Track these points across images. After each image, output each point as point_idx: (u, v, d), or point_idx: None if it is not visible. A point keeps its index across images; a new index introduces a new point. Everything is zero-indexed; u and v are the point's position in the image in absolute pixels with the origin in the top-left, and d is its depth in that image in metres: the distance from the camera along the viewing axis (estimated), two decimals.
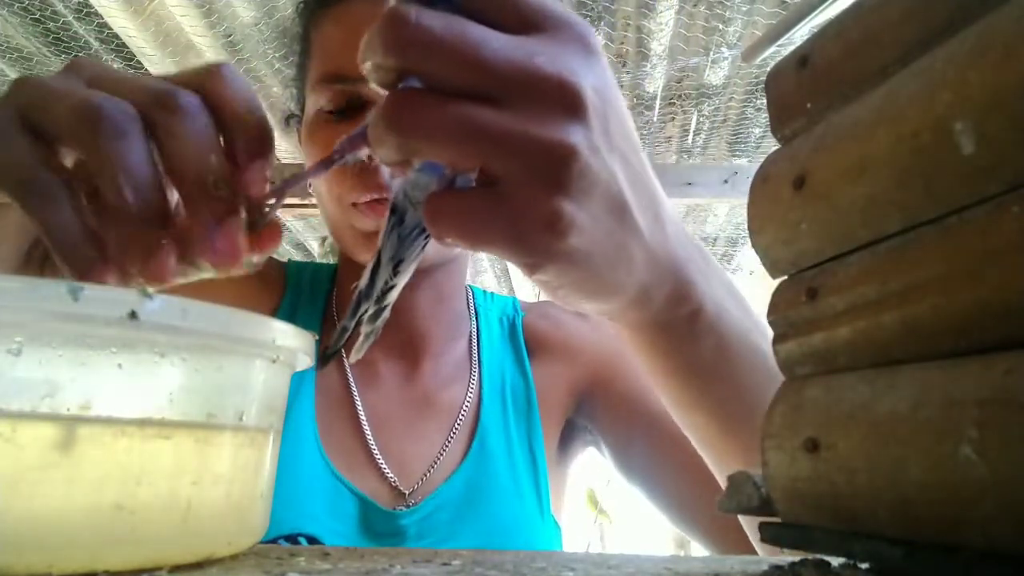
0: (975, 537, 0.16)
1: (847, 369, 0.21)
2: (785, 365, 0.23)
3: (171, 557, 0.23)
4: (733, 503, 0.24)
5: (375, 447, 0.67)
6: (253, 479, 0.27)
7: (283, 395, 0.30)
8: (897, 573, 0.19)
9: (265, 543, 0.31)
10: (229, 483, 0.25)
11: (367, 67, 0.28)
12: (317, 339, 0.31)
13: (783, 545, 0.22)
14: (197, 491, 0.24)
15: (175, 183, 0.31)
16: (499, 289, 3.39)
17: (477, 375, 0.74)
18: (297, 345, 0.28)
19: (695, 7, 1.76)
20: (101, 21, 1.80)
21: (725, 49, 1.91)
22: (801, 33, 1.45)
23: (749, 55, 1.67)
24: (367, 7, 0.63)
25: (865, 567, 0.22)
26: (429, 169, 0.30)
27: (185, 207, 0.31)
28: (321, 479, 0.64)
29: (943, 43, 0.18)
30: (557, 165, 0.28)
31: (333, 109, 0.64)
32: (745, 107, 2.19)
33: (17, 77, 0.33)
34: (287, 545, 0.31)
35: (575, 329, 0.77)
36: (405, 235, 0.33)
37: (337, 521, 0.62)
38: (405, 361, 0.73)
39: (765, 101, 0.26)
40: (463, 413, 0.70)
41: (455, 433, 0.69)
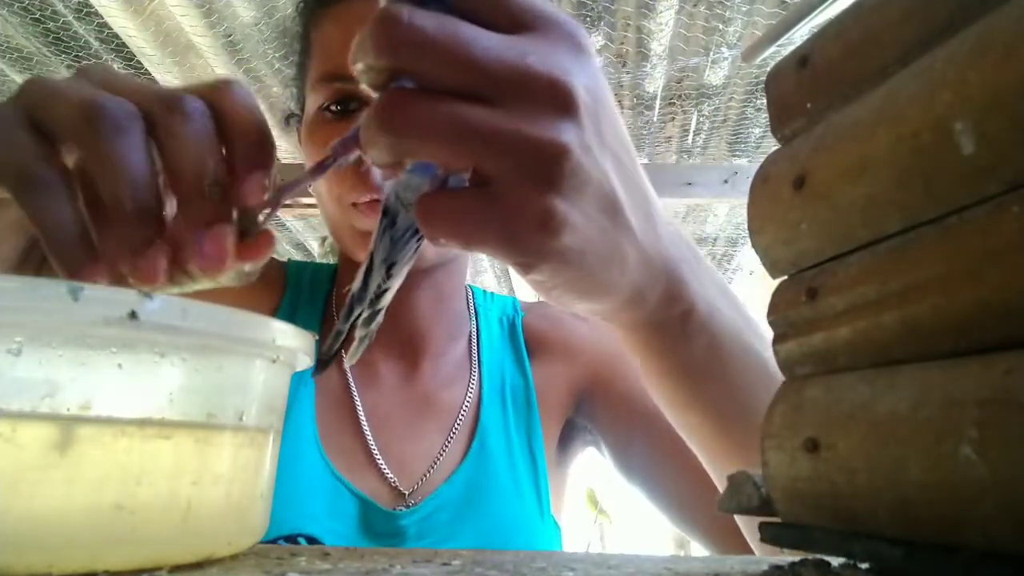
0: (975, 537, 0.16)
1: (847, 369, 0.21)
2: (785, 365, 0.23)
3: (171, 557, 0.23)
4: (733, 503, 0.24)
5: (375, 447, 0.67)
6: (253, 479, 0.27)
7: (283, 395, 0.30)
8: (897, 573, 0.19)
9: (265, 543, 0.31)
10: (229, 483, 0.25)
11: (359, 68, 0.28)
12: (317, 339, 0.31)
13: (783, 545, 0.22)
14: (197, 491, 0.24)
15: (172, 184, 0.31)
16: (499, 289, 3.39)
17: (477, 375, 0.74)
18: (297, 345, 0.28)
19: (695, 7, 1.76)
20: (101, 21, 1.80)
21: (725, 49, 1.91)
22: (801, 33, 1.45)
23: (749, 55, 1.67)
24: (367, 6, 0.63)
25: (865, 567, 0.22)
26: (421, 170, 0.30)
27: (178, 209, 0.31)
28: (321, 479, 0.64)
29: (943, 43, 0.18)
30: (549, 164, 0.28)
31: (333, 108, 0.64)
32: (745, 107, 2.19)
33: (28, 78, 0.33)
34: (287, 545, 0.31)
35: (575, 329, 0.77)
36: (397, 237, 0.33)
37: (337, 521, 0.62)
38: (405, 361, 0.73)
39: (765, 101, 0.26)
40: (463, 413, 0.70)
41: (455, 433, 0.69)
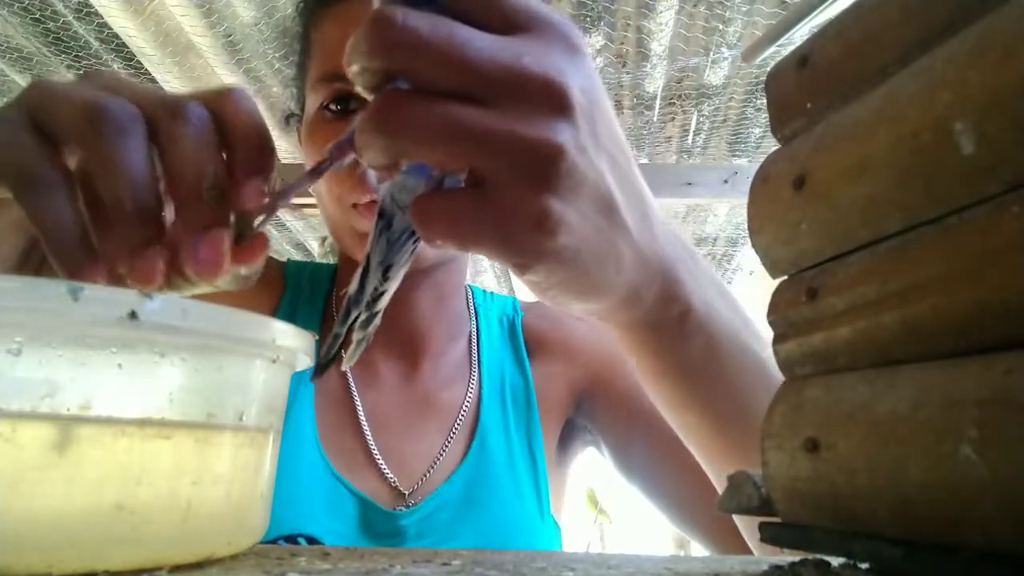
0: (975, 537, 0.16)
1: (847, 369, 0.21)
2: (785, 365, 0.23)
3: (171, 557, 0.23)
4: (733, 503, 0.24)
5: (375, 447, 0.67)
6: (253, 479, 0.27)
7: (283, 395, 0.30)
8: (897, 573, 0.19)
9: (264, 543, 0.31)
10: (229, 483, 0.25)
11: (353, 70, 0.28)
12: (317, 339, 0.31)
13: (783, 545, 0.22)
14: (197, 491, 0.24)
15: (170, 189, 0.31)
16: (499, 289, 3.39)
17: (477, 375, 0.74)
18: (297, 345, 0.28)
19: (695, 7, 1.76)
20: (101, 21, 1.80)
21: (725, 49, 1.91)
22: (801, 33, 1.45)
23: (749, 55, 1.67)
24: (367, 7, 0.63)
25: (865, 567, 0.22)
26: (416, 172, 0.30)
27: (176, 213, 0.32)
28: (320, 479, 0.64)
29: (943, 43, 0.18)
30: (544, 164, 0.28)
31: (333, 107, 0.64)
32: (745, 107, 2.19)
33: (32, 81, 0.33)
34: (287, 545, 0.31)
35: (575, 329, 0.77)
36: (394, 240, 0.33)
37: (337, 521, 0.62)
38: (405, 361, 0.73)
39: (765, 101, 0.26)
40: (463, 413, 0.70)
41: (455, 433, 0.69)
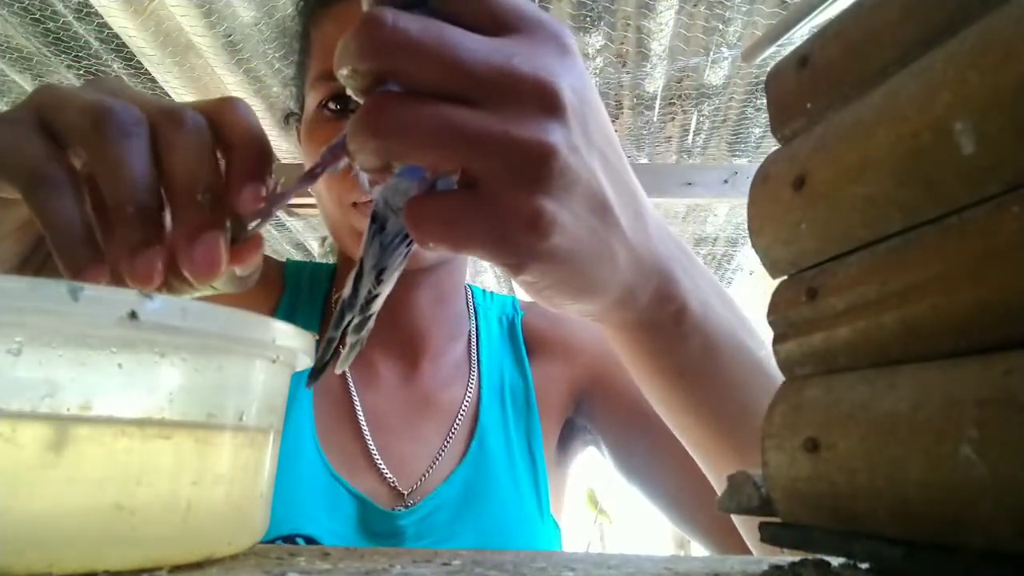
0: (975, 537, 0.16)
1: (847, 369, 0.21)
2: (785, 365, 0.23)
3: (171, 557, 0.23)
4: (733, 503, 0.24)
5: (374, 447, 0.67)
6: (253, 479, 0.27)
7: (283, 395, 0.30)
8: (897, 573, 0.19)
9: (264, 543, 0.31)
10: (229, 483, 0.25)
11: (343, 73, 0.28)
12: (317, 339, 0.31)
13: (783, 545, 0.22)
14: (197, 491, 0.24)
15: (168, 193, 0.32)
16: (499, 289, 3.39)
17: (476, 375, 0.73)
18: (297, 345, 0.28)
19: (695, 7, 1.76)
20: (101, 21, 1.79)
21: (725, 49, 1.91)
22: (801, 33, 1.45)
23: (749, 55, 1.67)
24: None
25: (865, 567, 0.22)
26: (409, 174, 0.30)
27: (172, 217, 0.32)
28: (319, 479, 0.64)
29: (943, 43, 0.18)
30: (537, 164, 0.28)
31: (332, 106, 0.64)
32: (745, 107, 2.19)
33: (40, 85, 0.34)
34: (286, 546, 0.31)
35: (575, 328, 0.77)
36: (387, 243, 0.33)
37: (335, 522, 0.62)
38: (404, 361, 0.73)
39: (765, 101, 0.26)
40: (462, 413, 0.70)
41: (454, 433, 0.69)
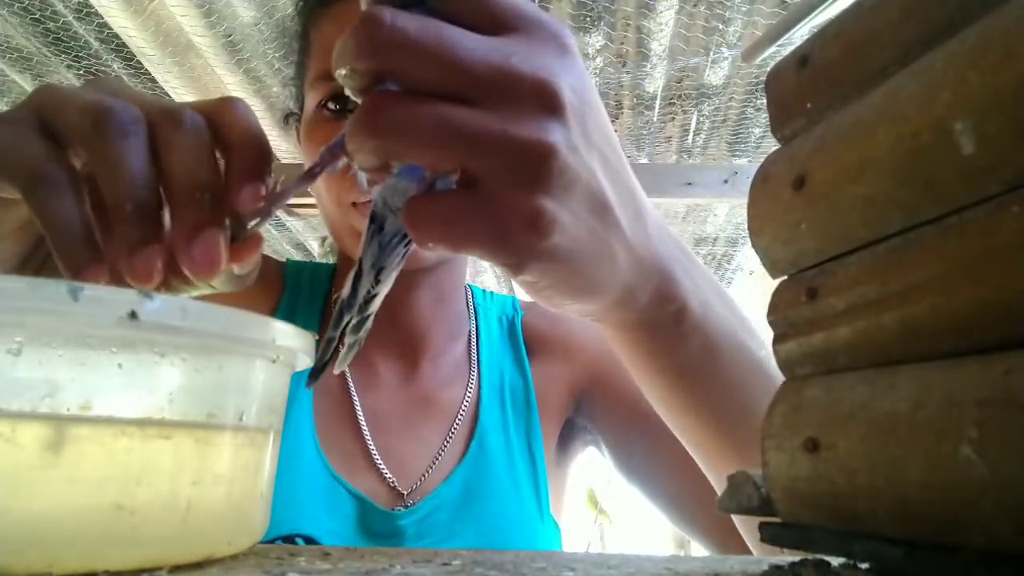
0: (975, 537, 0.16)
1: (847, 369, 0.21)
2: (785, 365, 0.23)
3: (171, 557, 0.23)
4: (733, 503, 0.24)
5: (373, 447, 0.67)
6: (253, 479, 0.27)
7: (283, 395, 0.30)
8: (897, 573, 0.19)
9: (264, 543, 0.31)
10: (229, 483, 0.25)
11: (342, 73, 0.28)
12: (317, 339, 0.31)
13: (783, 545, 0.22)
14: (197, 491, 0.24)
15: (167, 193, 0.32)
16: (499, 289, 3.39)
17: (476, 375, 0.73)
18: (297, 345, 0.28)
19: (695, 7, 1.76)
20: (101, 21, 1.79)
21: (725, 49, 1.91)
22: (801, 33, 1.45)
23: (749, 55, 1.67)
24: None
25: (865, 567, 0.22)
26: (408, 174, 0.30)
27: (171, 216, 0.32)
28: (319, 479, 0.64)
29: (943, 43, 0.18)
30: (536, 163, 0.27)
31: (331, 106, 0.64)
32: (745, 107, 2.19)
33: (41, 85, 0.34)
34: (286, 546, 0.31)
35: (574, 328, 0.77)
36: (386, 243, 0.33)
37: (335, 522, 0.62)
38: (404, 361, 0.73)
39: (765, 101, 0.26)
40: (462, 413, 0.70)
41: (454, 433, 0.69)
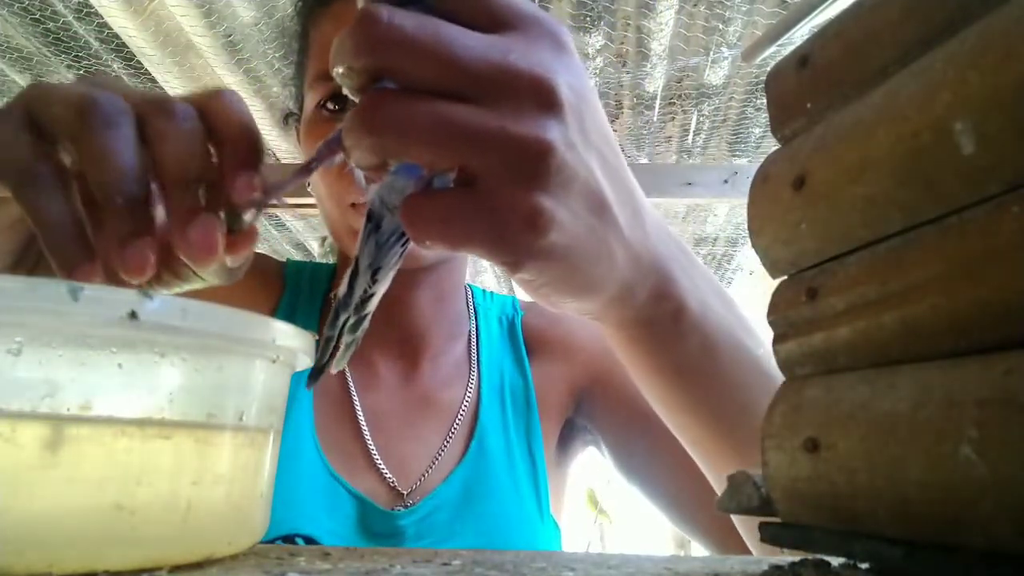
0: (975, 537, 0.16)
1: (847, 369, 0.21)
2: (785, 365, 0.23)
3: (171, 557, 0.23)
4: (733, 503, 0.24)
5: (373, 447, 0.67)
6: (253, 479, 0.27)
7: (283, 395, 0.30)
8: (897, 573, 0.19)
9: (263, 543, 0.31)
10: (229, 483, 0.25)
11: (339, 72, 0.28)
12: (316, 339, 0.31)
13: (783, 545, 0.22)
14: (197, 491, 0.24)
15: (161, 183, 0.32)
16: (499, 289, 3.39)
17: (476, 375, 0.73)
18: (297, 345, 0.28)
19: (695, 7, 1.76)
20: (101, 21, 1.79)
21: (725, 49, 1.91)
22: (801, 33, 1.45)
23: (749, 55, 1.67)
24: None
25: (865, 567, 0.22)
26: (405, 172, 0.30)
27: (166, 206, 0.32)
28: (319, 479, 0.64)
29: (943, 43, 0.18)
30: (535, 161, 0.27)
31: (330, 106, 0.64)
32: (745, 107, 2.19)
33: (31, 83, 0.34)
34: (286, 546, 0.31)
35: (574, 328, 0.77)
36: (383, 242, 0.33)
37: (335, 522, 0.62)
38: (404, 361, 0.73)
39: (765, 101, 0.26)
40: (462, 413, 0.70)
41: (453, 433, 0.69)
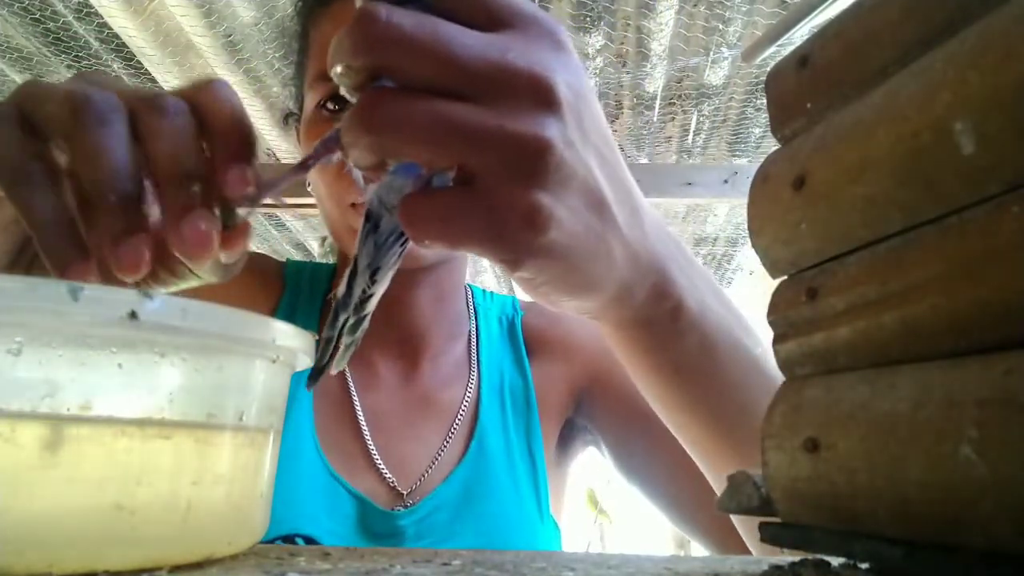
0: (975, 537, 0.16)
1: (847, 369, 0.21)
2: (785, 365, 0.23)
3: (171, 557, 0.23)
4: (733, 503, 0.24)
5: (373, 447, 0.67)
6: (253, 479, 0.27)
7: (283, 395, 0.30)
8: (897, 573, 0.19)
9: (263, 543, 0.31)
10: (229, 483, 0.25)
11: (337, 71, 0.28)
12: (317, 339, 0.31)
13: (783, 545, 0.22)
14: (197, 491, 0.24)
15: (154, 180, 0.31)
16: (499, 289, 3.39)
17: (476, 375, 0.73)
18: (297, 345, 0.28)
19: (695, 7, 1.76)
20: (101, 21, 1.79)
21: (725, 49, 1.91)
22: (801, 33, 1.45)
23: (749, 55, 1.67)
24: None
25: (865, 567, 0.22)
26: (404, 172, 0.30)
27: (160, 203, 0.32)
28: (319, 479, 0.64)
29: (943, 43, 0.18)
30: (533, 159, 0.27)
31: (330, 106, 0.64)
32: (745, 107, 2.19)
33: (24, 81, 0.34)
34: (286, 546, 0.31)
35: (574, 328, 0.77)
36: (381, 242, 0.33)
37: (335, 522, 0.62)
38: (404, 361, 0.73)
39: (765, 101, 0.26)
40: (462, 413, 0.70)
41: (453, 433, 0.69)
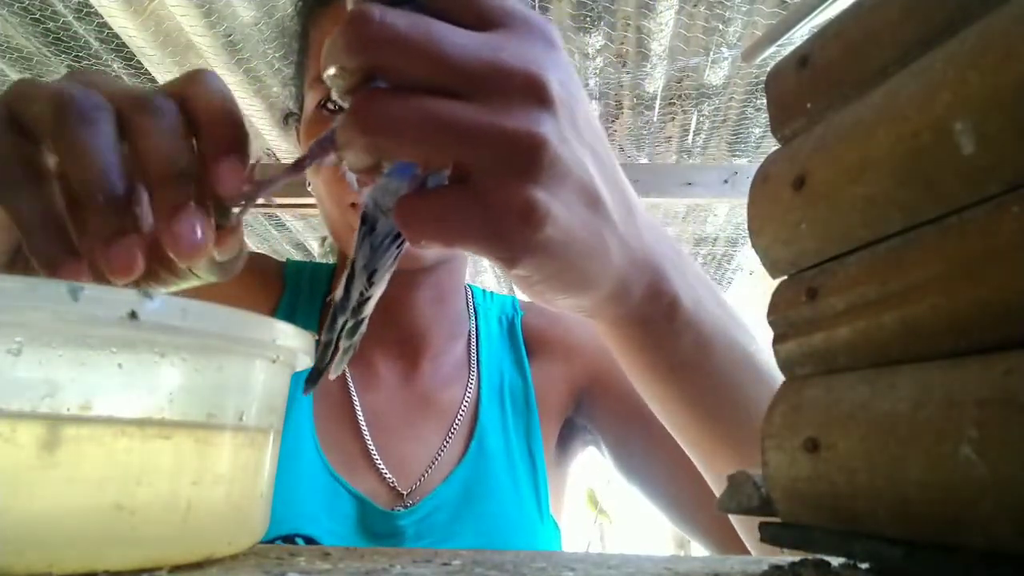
0: (975, 537, 0.16)
1: (847, 369, 0.21)
2: (785, 365, 0.23)
3: (171, 557, 0.23)
4: (733, 503, 0.24)
5: (373, 447, 0.67)
6: (253, 479, 0.27)
7: (283, 395, 0.30)
8: (897, 573, 0.19)
9: (263, 543, 0.31)
10: (229, 483, 0.25)
11: (330, 73, 0.28)
12: (317, 339, 0.31)
13: (783, 545, 0.22)
14: (197, 491, 0.24)
15: (145, 179, 0.31)
16: (499, 289, 3.39)
17: (476, 375, 0.73)
18: (297, 345, 0.28)
19: (695, 7, 1.76)
20: (101, 21, 1.79)
21: (725, 49, 1.91)
22: (801, 33, 1.45)
23: (749, 55, 1.67)
24: None
25: (865, 567, 0.22)
26: (399, 173, 0.30)
27: (151, 202, 0.31)
28: (319, 479, 0.64)
29: (943, 43, 0.18)
30: (528, 155, 0.27)
31: (330, 106, 0.64)
32: (745, 107, 2.19)
33: (16, 80, 0.33)
34: (286, 546, 0.31)
35: (574, 327, 0.77)
36: (377, 244, 0.33)
37: (335, 522, 0.62)
38: (404, 361, 0.73)
39: (765, 101, 0.26)
40: (461, 413, 0.70)
41: (453, 433, 0.69)
